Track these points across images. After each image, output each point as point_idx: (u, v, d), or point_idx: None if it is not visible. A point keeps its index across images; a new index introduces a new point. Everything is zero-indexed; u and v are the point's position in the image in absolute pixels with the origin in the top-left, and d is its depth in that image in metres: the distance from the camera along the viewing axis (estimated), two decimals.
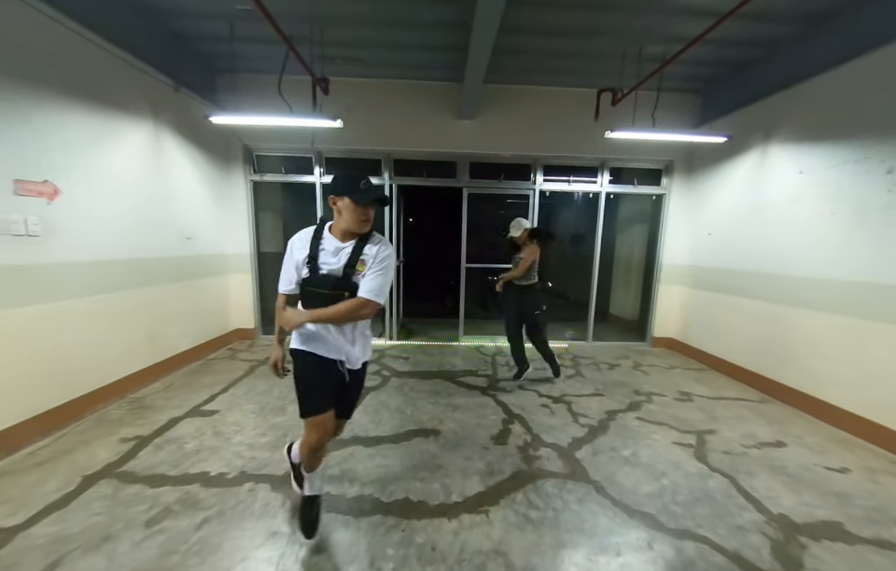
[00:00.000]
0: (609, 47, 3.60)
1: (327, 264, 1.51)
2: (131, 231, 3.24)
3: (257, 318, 5.04)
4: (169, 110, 3.68)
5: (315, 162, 4.77)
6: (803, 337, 3.28)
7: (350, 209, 1.46)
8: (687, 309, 4.84)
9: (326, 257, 1.51)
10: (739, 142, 3.98)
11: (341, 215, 1.50)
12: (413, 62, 4.08)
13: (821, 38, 3.17)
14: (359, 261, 1.50)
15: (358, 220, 1.48)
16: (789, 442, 2.72)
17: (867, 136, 2.86)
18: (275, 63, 3.63)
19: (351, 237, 1.53)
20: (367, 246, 1.52)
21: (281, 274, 1.61)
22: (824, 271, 3.12)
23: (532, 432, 2.73)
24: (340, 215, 1.51)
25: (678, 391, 3.61)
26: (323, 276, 1.50)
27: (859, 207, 2.89)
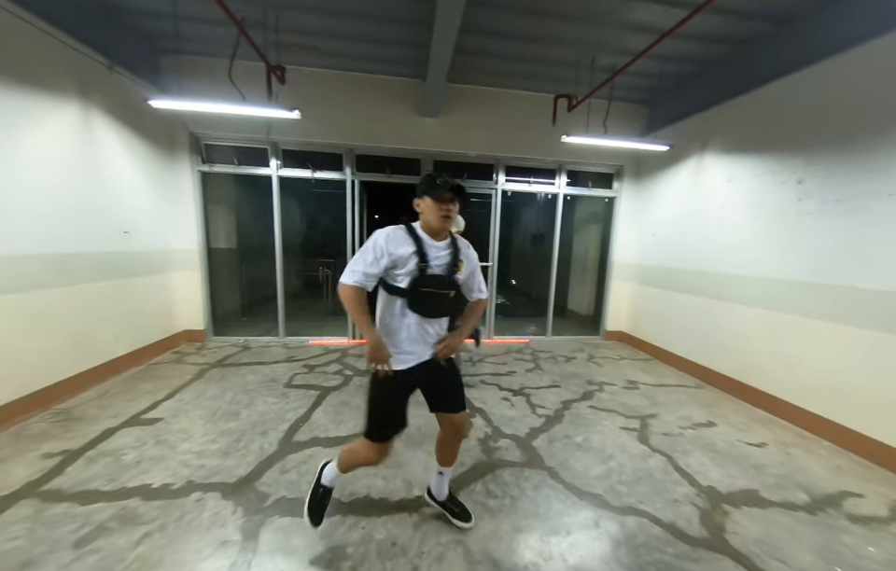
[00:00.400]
0: (565, 55, 3.77)
1: (438, 264, 1.51)
2: (51, 223, 2.89)
3: (207, 318, 4.72)
4: (101, 91, 3.34)
5: (271, 154, 4.54)
6: (731, 328, 3.66)
7: (431, 207, 1.48)
8: (635, 304, 5.21)
9: (434, 257, 1.51)
10: (680, 151, 4.34)
11: (425, 216, 1.52)
12: (375, 56, 4.02)
13: (746, 61, 3.54)
14: (459, 261, 1.57)
15: (440, 217, 1.48)
16: (718, 422, 3.03)
17: (782, 150, 3.25)
18: (226, 47, 3.42)
19: (441, 238, 1.55)
20: (462, 248, 1.61)
21: (355, 266, 1.46)
22: (748, 269, 3.50)
23: (493, 424, 2.82)
24: (424, 216, 1.53)
25: (626, 380, 3.89)
26: (434, 277, 1.50)
27: (775, 213, 3.27)
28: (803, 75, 3.03)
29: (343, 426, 2.72)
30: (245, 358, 4.18)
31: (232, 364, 3.98)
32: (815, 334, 2.91)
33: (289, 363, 4.05)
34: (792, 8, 2.98)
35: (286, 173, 4.60)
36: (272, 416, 2.84)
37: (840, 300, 2.75)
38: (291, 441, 2.50)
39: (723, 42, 3.51)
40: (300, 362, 4.09)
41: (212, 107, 3.31)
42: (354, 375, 3.75)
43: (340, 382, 3.55)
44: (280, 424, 2.71)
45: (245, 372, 3.74)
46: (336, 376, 3.71)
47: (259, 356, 4.24)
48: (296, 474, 2.17)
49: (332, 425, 2.73)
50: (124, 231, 3.64)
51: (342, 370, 3.87)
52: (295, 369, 3.88)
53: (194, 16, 3.36)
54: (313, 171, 4.62)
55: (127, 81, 3.60)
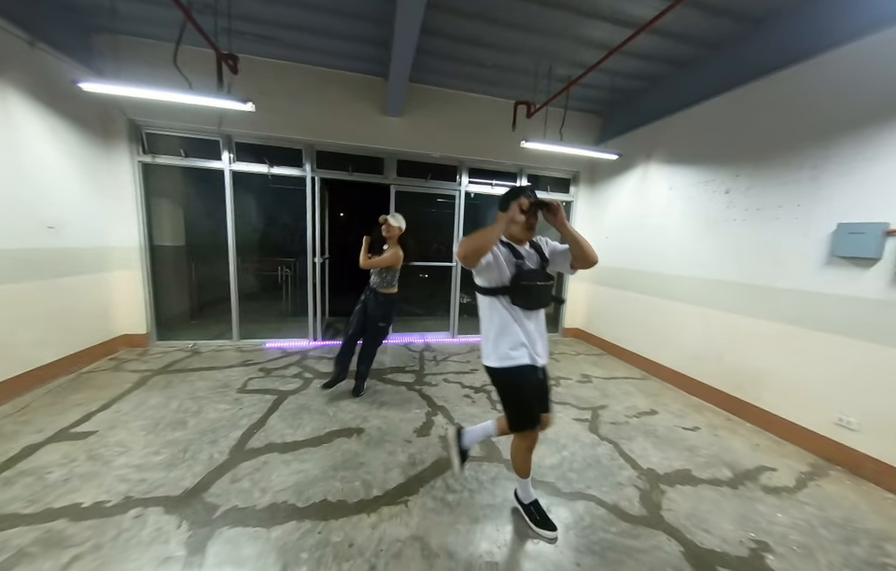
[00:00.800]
0: (524, 63, 3.92)
1: (530, 262, 1.71)
2: None
3: (150, 321, 4.37)
4: (20, 70, 2.99)
5: (223, 147, 4.30)
6: (672, 324, 4.00)
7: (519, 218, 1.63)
8: (590, 303, 5.53)
9: (527, 257, 1.71)
10: (628, 160, 4.67)
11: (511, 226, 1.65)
12: (337, 51, 3.93)
13: (682, 81, 3.89)
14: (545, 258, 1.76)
15: (524, 229, 1.68)
16: (660, 410, 3.31)
17: (713, 162, 3.60)
18: (172, 29, 3.18)
19: (523, 242, 1.74)
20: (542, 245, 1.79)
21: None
22: (686, 270, 3.84)
23: (454, 422, 2.88)
24: (510, 226, 1.65)
25: (580, 374, 4.12)
26: (534, 270, 1.69)
27: (707, 219, 3.62)
28: (727, 97, 3.38)
29: (301, 430, 2.65)
30: (194, 363, 3.92)
31: (180, 370, 3.72)
32: (739, 328, 3.27)
33: (244, 367, 3.86)
34: (721, 36, 3.32)
35: (239, 167, 4.37)
36: (223, 423, 2.70)
37: (759, 297, 3.11)
38: (244, 449, 2.40)
39: (665, 62, 3.83)
40: (256, 366, 3.91)
41: (153, 94, 3.06)
42: (314, 378, 3.65)
43: (299, 385, 3.44)
44: (232, 432, 2.59)
45: (194, 378, 3.51)
46: (295, 379, 3.59)
47: (210, 361, 4.00)
48: (248, 482, 2.09)
49: (290, 430, 2.64)
50: (48, 226, 3.28)
51: (301, 373, 3.75)
52: (250, 373, 3.70)
53: None
54: (269, 166, 4.43)
55: (52, 60, 3.24)
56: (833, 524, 2.04)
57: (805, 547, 1.87)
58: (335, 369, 3.26)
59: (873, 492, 2.34)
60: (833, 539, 1.93)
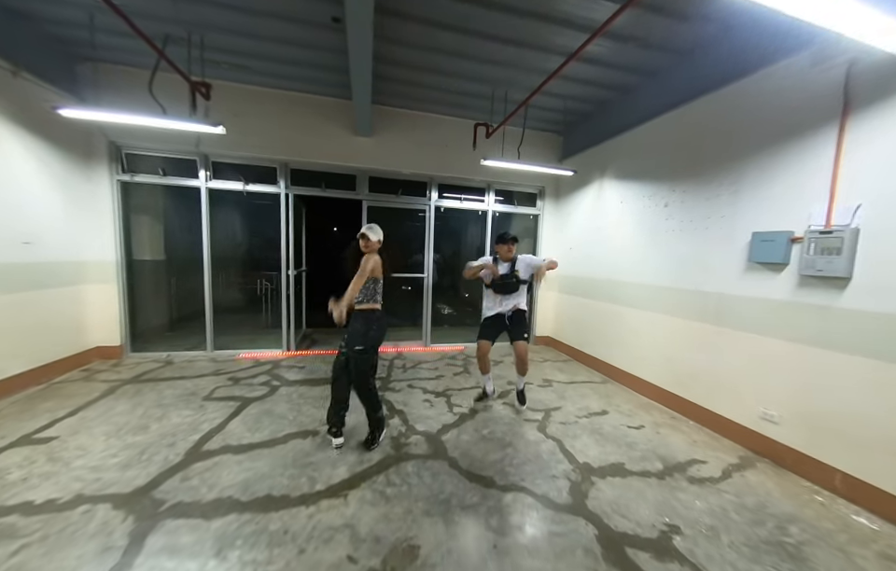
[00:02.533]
0: (481, 89, 4.22)
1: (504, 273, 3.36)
2: None
3: (124, 333, 4.48)
4: (3, 97, 3.19)
5: (200, 166, 4.51)
6: (626, 328, 4.21)
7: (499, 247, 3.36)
8: (558, 311, 5.73)
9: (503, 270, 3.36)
10: (586, 176, 4.95)
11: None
12: (305, 77, 4.20)
13: (625, 104, 4.20)
14: (515, 270, 3.34)
15: (504, 255, 3.35)
16: (610, 411, 3.47)
17: (654, 178, 3.87)
18: (150, 57, 3.40)
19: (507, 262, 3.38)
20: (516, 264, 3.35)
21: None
22: (635, 277, 4.07)
23: (408, 423, 3.02)
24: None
25: (542, 379, 4.29)
26: (506, 277, 3.34)
27: (651, 230, 3.88)
28: (663, 119, 3.68)
29: (259, 434, 2.77)
30: (166, 373, 4.02)
31: (150, 379, 3.82)
32: (678, 329, 3.48)
33: (215, 376, 3.97)
34: (655, 66, 3.63)
35: (216, 185, 4.57)
36: (184, 428, 2.81)
37: (692, 301, 3.33)
38: (200, 451, 2.52)
39: (609, 88, 4.14)
40: (226, 375, 4.02)
41: (129, 119, 3.28)
42: (281, 385, 3.77)
43: (265, 392, 3.57)
44: (191, 436, 2.70)
45: (163, 387, 3.62)
46: (262, 387, 3.71)
47: (181, 371, 4.11)
48: (198, 480, 2.21)
49: (248, 433, 2.77)
50: (24, 242, 3.43)
51: (269, 381, 3.88)
52: (219, 381, 3.82)
53: (113, 29, 3.34)
54: (245, 183, 4.64)
55: (36, 87, 3.45)
56: (745, 509, 2.20)
57: (713, 529, 2.03)
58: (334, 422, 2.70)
59: (791, 480, 2.51)
60: (741, 522, 2.09)
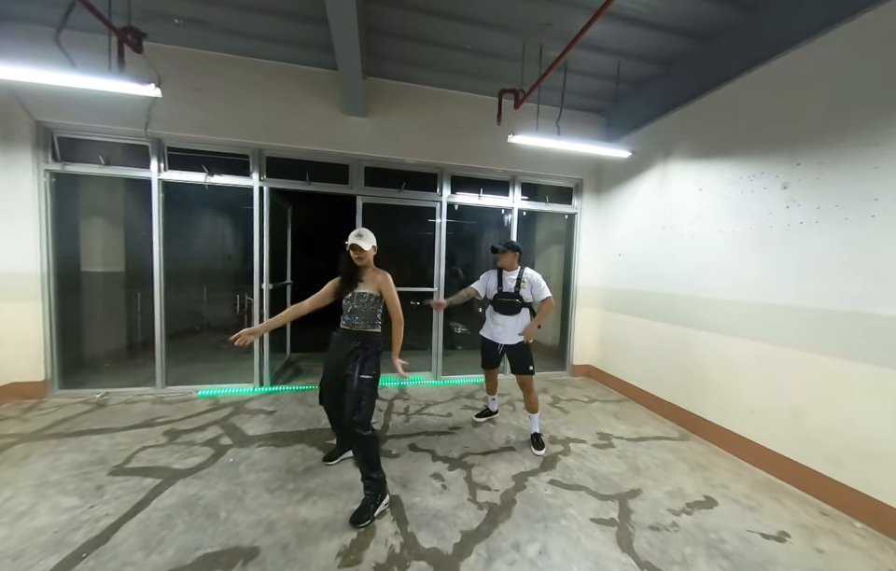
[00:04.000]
0: (508, 44, 3.20)
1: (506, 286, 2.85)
2: None
3: (50, 364, 3.47)
4: None
5: (152, 153, 3.56)
6: (714, 364, 3.02)
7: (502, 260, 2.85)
8: (603, 334, 4.55)
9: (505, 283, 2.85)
10: (642, 160, 3.86)
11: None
12: (279, 36, 3.25)
13: (710, 55, 3.12)
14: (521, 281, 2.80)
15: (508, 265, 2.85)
16: (717, 497, 2.27)
17: (759, 151, 2.75)
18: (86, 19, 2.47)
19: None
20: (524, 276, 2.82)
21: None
22: (730, 292, 2.91)
23: (406, 530, 1.87)
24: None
25: (597, 433, 3.09)
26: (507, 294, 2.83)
27: (758, 225, 2.72)
28: (783, 60, 2.57)
29: (159, 554, 1.66)
30: (87, 423, 2.98)
31: (59, 434, 2.78)
32: (824, 372, 2.28)
33: (147, 428, 2.91)
34: None
35: (170, 176, 3.62)
36: (46, 538, 1.73)
37: (850, 329, 2.15)
38: None
39: (685, 35, 3.08)
40: (164, 425, 2.96)
41: (17, 74, 2.35)
42: (233, 445, 2.69)
43: (203, 459, 2.47)
44: (46, 558, 1.62)
45: (66, 448, 2.57)
46: (205, 448, 2.63)
47: (110, 418, 3.06)
48: None
49: (140, 553, 1.66)
50: None
51: (218, 437, 2.79)
52: (149, 438, 2.75)
53: None
54: (208, 174, 3.68)
55: None
56: None
57: None
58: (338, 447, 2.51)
59: None
60: None
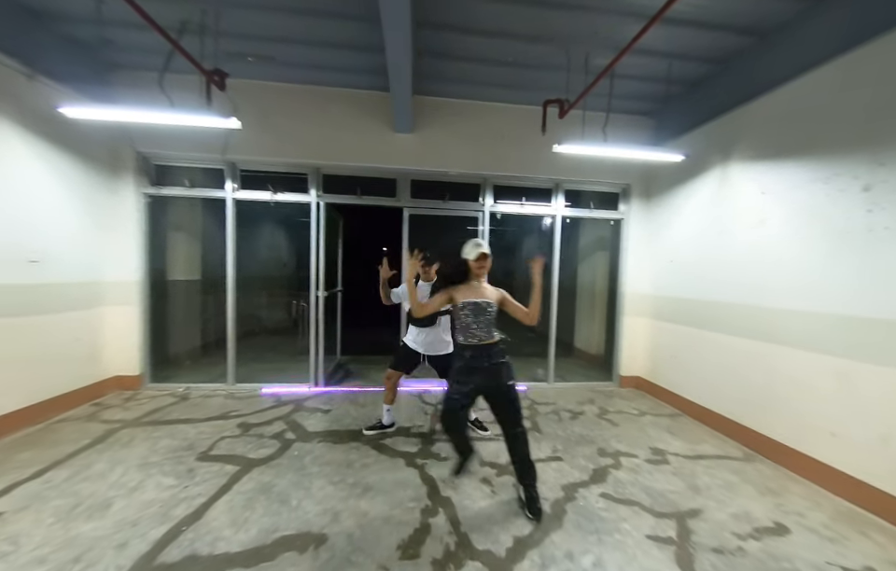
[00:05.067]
0: (553, 55, 3.23)
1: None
2: None
3: (144, 361, 4.02)
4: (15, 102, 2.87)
5: (227, 175, 4.03)
6: (786, 380, 2.79)
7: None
8: (654, 344, 4.35)
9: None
10: (696, 163, 3.68)
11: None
12: (337, 64, 3.55)
13: (773, 51, 2.94)
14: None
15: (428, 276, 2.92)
16: (790, 525, 2.10)
17: (834, 152, 2.54)
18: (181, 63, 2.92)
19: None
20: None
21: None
22: (802, 302, 2.69)
23: (459, 530, 1.96)
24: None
25: (650, 448, 2.98)
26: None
27: (835, 231, 2.50)
28: (864, 50, 2.37)
29: (244, 532, 1.90)
30: (174, 413, 3.42)
31: (154, 421, 3.22)
32: None
33: (223, 420, 3.27)
34: None
35: (242, 195, 4.06)
36: (153, 511, 2.04)
37: None
38: (153, 563, 1.69)
39: (741, 32, 2.93)
40: (237, 419, 3.31)
41: (129, 116, 2.86)
42: (296, 439, 2.94)
43: (273, 451, 2.74)
44: (155, 528, 1.91)
45: (161, 434, 2.97)
46: (273, 440, 2.91)
47: (192, 411, 3.48)
48: None
49: (229, 530, 1.91)
50: (31, 260, 3.04)
51: (283, 432, 3.07)
52: (226, 429, 3.09)
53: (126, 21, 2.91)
54: (273, 192, 4.08)
55: (54, 93, 3.14)
56: None
57: None
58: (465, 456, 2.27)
59: None
60: None
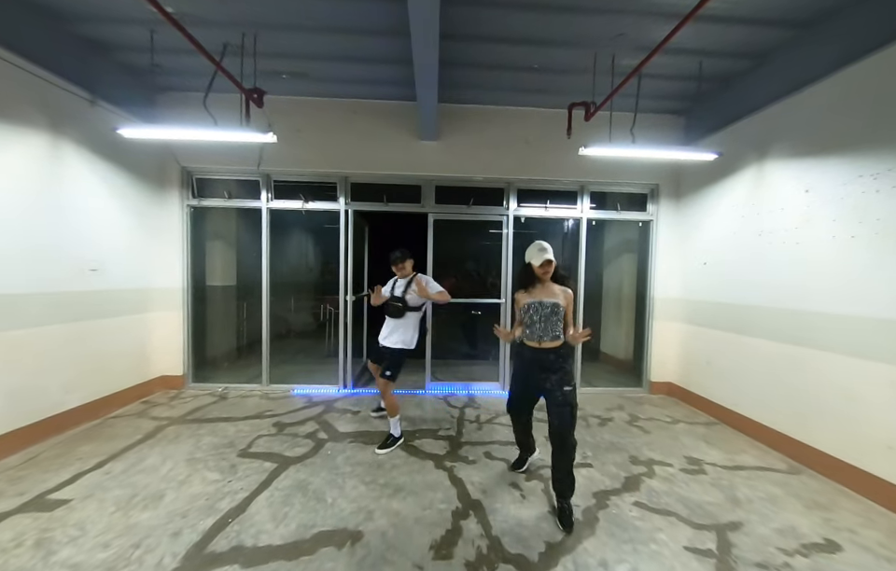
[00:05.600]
0: (578, 58, 3.22)
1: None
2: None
3: (187, 363, 4.28)
4: (78, 126, 3.17)
5: (262, 186, 4.25)
6: (835, 389, 2.63)
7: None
8: (686, 349, 4.20)
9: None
10: (730, 161, 3.55)
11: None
12: (366, 78, 3.68)
13: (815, 43, 2.81)
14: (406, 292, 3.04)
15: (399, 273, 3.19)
16: (841, 541, 1.99)
17: (884, 145, 2.39)
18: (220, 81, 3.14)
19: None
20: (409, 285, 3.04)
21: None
22: (851, 307, 2.54)
23: (490, 534, 1.97)
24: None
25: (685, 457, 2.88)
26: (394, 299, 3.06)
27: (887, 229, 2.36)
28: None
29: (285, 526, 1.99)
30: (214, 412, 3.62)
31: (197, 419, 3.42)
32: None
33: (259, 420, 3.43)
34: None
35: (276, 205, 4.26)
36: (201, 503, 2.18)
37: None
38: (204, 552, 1.81)
39: (776, 25, 2.82)
40: (272, 418, 3.46)
41: (182, 135, 3.07)
42: (329, 439, 3.05)
43: (307, 450, 2.86)
44: (204, 519, 2.03)
45: (204, 432, 3.15)
46: (307, 440, 3.03)
47: (231, 410, 3.67)
48: None
49: (270, 524, 2.01)
50: (91, 269, 3.33)
51: (316, 432, 3.18)
52: (262, 428, 3.25)
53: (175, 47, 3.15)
54: (304, 201, 4.26)
55: (112, 116, 3.43)
56: None
57: None
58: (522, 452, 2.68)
59: None
60: None
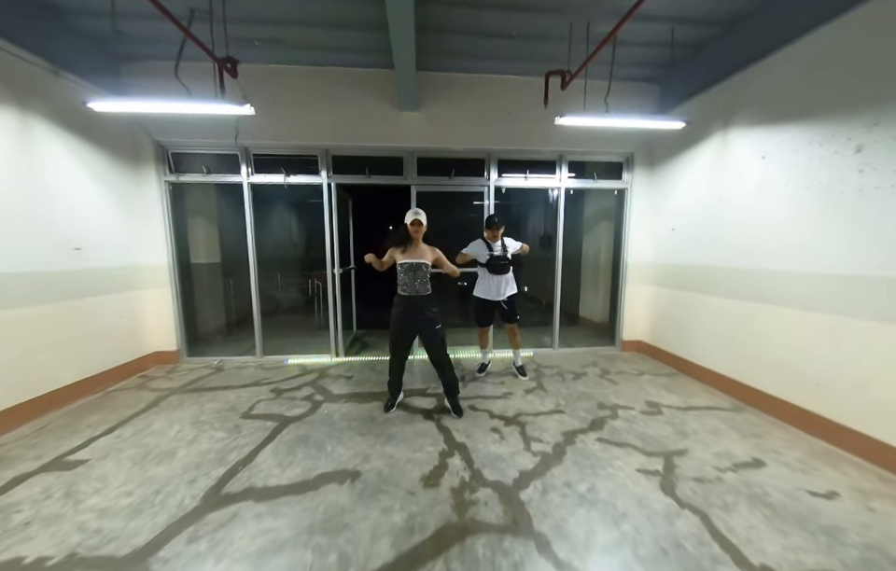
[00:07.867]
0: (555, 24, 3.27)
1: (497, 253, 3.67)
2: None
3: (180, 338, 4.39)
4: (45, 99, 3.08)
5: (241, 160, 4.22)
6: (777, 337, 2.98)
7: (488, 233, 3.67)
8: (654, 309, 4.54)
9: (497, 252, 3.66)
10: (699, 129, 3.72)
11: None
12: (343, 44, 3.62)
13: (775, 13, 2.94)
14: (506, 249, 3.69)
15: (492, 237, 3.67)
16: (767, 460, 2.36)
17: (831, 114, 2.60)
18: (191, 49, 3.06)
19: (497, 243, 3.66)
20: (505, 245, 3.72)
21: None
22: (796, 264, 2.83)
23: (472, 467, 2.26)
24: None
25: (645, 402, 3.24)
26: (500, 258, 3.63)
27: (829, 192, 2.61)
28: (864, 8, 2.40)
29: (290, 470, 2.24)
30: (213, 382, 3.79)
31: (198, 388, 3.59)
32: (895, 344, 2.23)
33: (257, 387, 3.63)
34: None
35: (257, 179, 4.26)
36: (211, 457, 2.39)
37: None
38: (220, 493, 2.04)
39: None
40: (269, 385, 3.66)
41: (155, 107, 3.00)
42: (324, 400, 3.28)
43: (305, 410, 3.09)
44: (216, 469, 2.26)
45: (205, 399, 3.34)
46: (304, 402, 3.25)
47: (229, 379, 3.85)
48: (206, 543, 1.69)
49: (277, 470, 2.25)
50: (75, 248, 3.34)
51: (312, 395, 3.41)
52: (261, 393, 3.45)
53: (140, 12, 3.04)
54: (286, 175, 4.26)
55: (78, 88, 3.33)
56: None
57: None
58: (391, 395, 3.13)
59: None
60: None
